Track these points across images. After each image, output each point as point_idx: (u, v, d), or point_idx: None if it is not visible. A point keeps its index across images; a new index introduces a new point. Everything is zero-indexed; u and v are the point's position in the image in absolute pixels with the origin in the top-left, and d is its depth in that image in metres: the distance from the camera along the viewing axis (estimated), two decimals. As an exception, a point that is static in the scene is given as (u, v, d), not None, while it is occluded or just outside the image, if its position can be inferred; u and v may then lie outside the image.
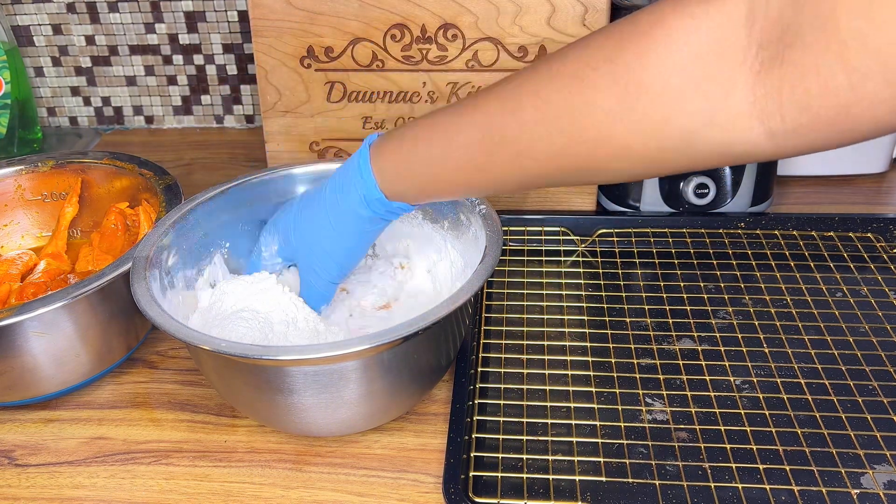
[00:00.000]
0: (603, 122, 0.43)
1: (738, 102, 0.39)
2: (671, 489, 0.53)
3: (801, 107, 0.37)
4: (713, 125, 0.40)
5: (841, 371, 0.62)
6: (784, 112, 0.38)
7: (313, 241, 0.59)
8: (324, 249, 0.59)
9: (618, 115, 0.42)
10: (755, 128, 0.39)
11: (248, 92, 1.07)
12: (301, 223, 0.60)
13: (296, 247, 0.61)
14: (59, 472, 0.58)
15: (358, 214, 0.56)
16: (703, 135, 0.41)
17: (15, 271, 0.73)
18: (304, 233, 0.60)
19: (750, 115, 0.39)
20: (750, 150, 0.41)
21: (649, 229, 0.78)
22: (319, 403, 0.53)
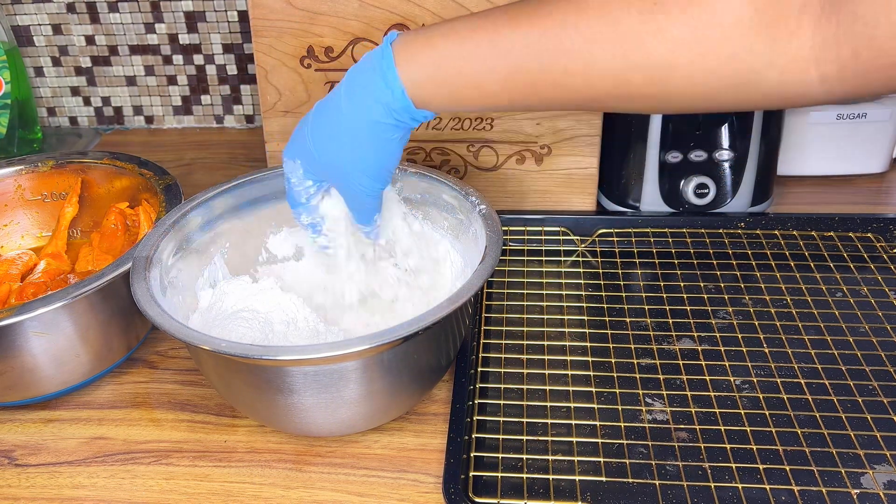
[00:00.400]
0: (670, 51, 0.43)
1: (798, 46, 0.41)
2: (671, 489, 0.53)
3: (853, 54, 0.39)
4: (773, 66, 0.41)
5: (841, 371, 0.62)
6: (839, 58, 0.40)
7: (337, 158, 0.54)
8: (351, 164, 0.54)
9: (687, 43, 0.42)
10: (811, 72, 0.41)
11: (248, 92, 1.07)
12: (319, 139, 0.54)
13: (322, 165, 0.55)
14: (59, 472, 0.58)
15: (378, 124, 0.51)
16: (764, 74, 0.42)
17: (15, 271, 0.73)
18: (324, 149, 0.54)
19: (808, 59, 0.41)
20: (802, 92, 0.42)
21: (649, 229, 0.78)
22: (319, 403, 0.53)
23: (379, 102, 0.50)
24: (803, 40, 0.40)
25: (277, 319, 0.60)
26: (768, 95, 0.43)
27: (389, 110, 0.50)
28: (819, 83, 0.41)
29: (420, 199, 0.68)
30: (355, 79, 0.52)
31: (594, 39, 0.44)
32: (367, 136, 0.52)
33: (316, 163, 0.56)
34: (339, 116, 0.52)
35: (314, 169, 0.57)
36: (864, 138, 0.87)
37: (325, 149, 0.54)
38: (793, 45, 0.41)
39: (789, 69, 0.41)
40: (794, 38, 0.41)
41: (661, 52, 0.43)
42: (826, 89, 0.41)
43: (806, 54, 0.41)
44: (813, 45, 0.40)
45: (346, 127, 0.52)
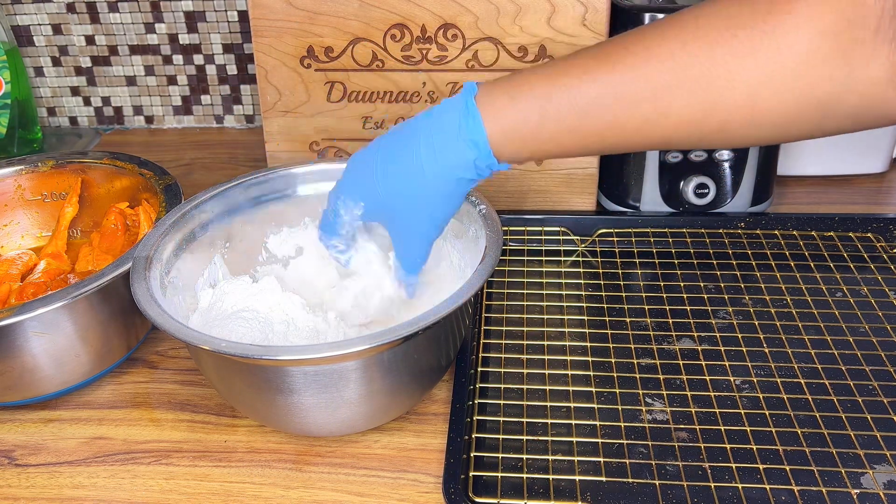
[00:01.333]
0: (745, 94, 0.43)
1: (876, 69, 0.41)
2: (671, 489, 0.53)
3: None
4: (852, 92, 0.42)
5: (841, 371, 0.62)
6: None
7: (409, 207, 0.54)
8: (422, 214, 0.54)
9: (762, 80, 0.42)
10: (889, 93, 0.41)
11: (248, 92, 1.07)
12: (393, 188, 0.54)
13: (386, 207, 0.55)
14: (59, 472, 0.58)
15: (462, 179, 0.52)
16: (843, 100, 0.42)
17: (15, 271, 0.73)
18: (395, 195, 0.54)
19: (886, 81, 0.41)
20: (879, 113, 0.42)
21: (649, 229, 0.78)
22: (319, 403, 0.53)
23: (466, 162, 0.51)
24: (880, 63, 0.41)
25: (277, 319, 0.60)
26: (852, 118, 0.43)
27: (475, 168, 0.51)
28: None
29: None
30: (437, 133, 0.52)
31: (666, 87, 0.45)
32: (446, 191, 0.53)
33: (383, 208, 0.55)
34: (420, 170, 0.52)
35: (377, 213, 0.56)
36: (864, 138, 0.87)
37: (397, 193, 0.54)
38: (871, 68, 0.41)
39: (868, 92, 0.42)
40: (871, 62, 0.41)
41: (736, 97, 0.43)
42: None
43: (885, 76, 0.41)
44: (891, 65, 0.40)
45: (428, 181, 0.52)
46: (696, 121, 0.45)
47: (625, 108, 0.46)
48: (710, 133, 0.46)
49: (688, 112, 0.45)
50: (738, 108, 0.44)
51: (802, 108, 0.43)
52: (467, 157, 0.51)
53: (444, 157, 0.51)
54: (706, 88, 0.44)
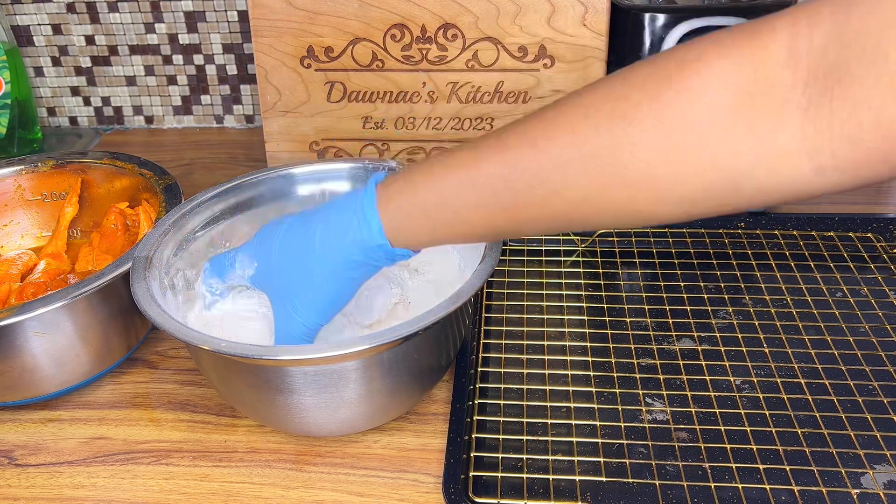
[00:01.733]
0: (647, 163, 0.41)
1: (786, 141, 0.38)
2: (671, 489, 0.53)
3: (852, 141, 0.37)
4: (761, 165, 0.39)
5: (841, 371, 0.62)
6: (835, 148, 0.37)
7: (293, 282, 0.54)
8: (304, 293, 0.53)
9: (662, 155, 0.40)
10: (804, 166, 0.38)
11: (248, 92, 1.07)
12: (284, 258, 0.54)
13: (273, 281, 0.55)
14: (59, 472, 0.58)
15: (351, 260, 0.51)
16: (751, 175, 0.40)
17: (15, 271, 0.73)
18: (284, 269, 0.54)
19: (798, 152, 0.38)
20: (798, 188, 0.40)
21: (649, 229, 0.78)
22: (319, 403, 0.53)
23: (355, 238, 0.50)
24: (791, 134, 0.38)
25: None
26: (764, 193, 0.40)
27: (363, 248, 0.50)
28: (815, 175, 0.38)
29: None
30: (336, 210, 0.52)
31: (568, 161, 0.43)
32: (332, 269, 0.52)
33: (270, 276, 0.56)
34: (310, 244, 0.52)
35: (262, 281, 0.57)
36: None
37: (286, 270, 0.54)
38: (779, 140, 0.38)
39: (779, 166, 0.39)
40: (779, 133, 0.38)
41: (638, 167, 0.41)
42: (824, 181, 0.39)
43: (796, 147, 0.38)
44: (803, 136, 0.38)
45: (314, 257, 0.52)
46: (599, 196, 0.43)
47: (524, 186, 0.44)
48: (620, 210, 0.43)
49: (589, 186, 0.43)
50: (640, 181, 0.41)
51: (708, 184, 0.41)
52: (357, 234, 0.50)
53: (335, 235, 0.51)
54: (607, 161, 0.42)
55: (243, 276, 0.58)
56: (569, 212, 0.44)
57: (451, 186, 0.47)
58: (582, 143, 0.42)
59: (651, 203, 0.42)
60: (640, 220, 0.45)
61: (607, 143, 0.41)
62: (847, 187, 0.39)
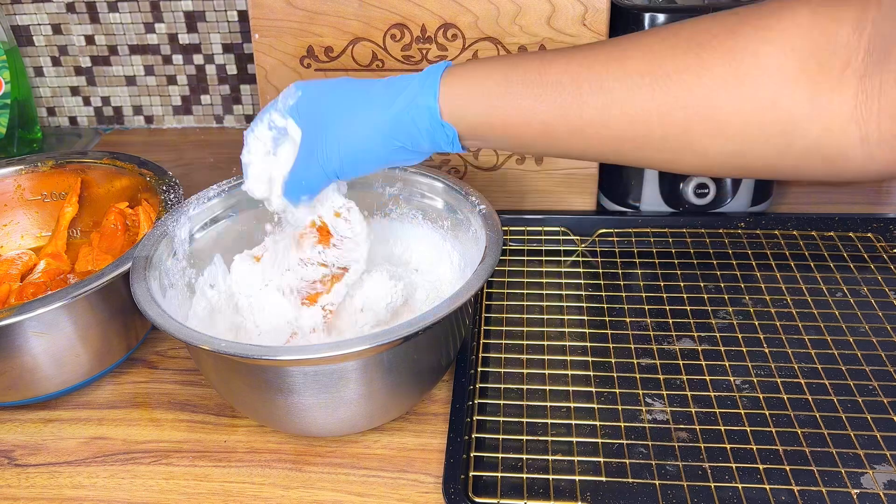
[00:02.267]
0: (711, 89, 0.42)
1: (841, 102, 0.40)
2: (671, 489, 0.53)
3: (892, 116, 0.38)
4: (813, 119, 0.40)
5: (841, 371, 0.62)
6: (880, 119, 0.38)
7: (335, 116, 0.51)
8: (339, 130, 0.51)
9: (728, 84, 0.42)
10: (851, 131, 0.40)
11: (248, 92, 1.07)
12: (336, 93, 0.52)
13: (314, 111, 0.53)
14: (59, 472, 0.58)
15: (398, 117, 0.49)
16: (802, 127, 0.41)
17: (15, 271, 0.73)
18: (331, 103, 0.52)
19: (850, 117, 0.39)
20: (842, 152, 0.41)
21: (649, 229, 0.78)
22: (319, 404, 0.53)
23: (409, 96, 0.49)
24: (846, 97, 0.39)
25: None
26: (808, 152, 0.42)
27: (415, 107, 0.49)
28: (860, 144, 0.40)
29: (421, 199, 0.68)
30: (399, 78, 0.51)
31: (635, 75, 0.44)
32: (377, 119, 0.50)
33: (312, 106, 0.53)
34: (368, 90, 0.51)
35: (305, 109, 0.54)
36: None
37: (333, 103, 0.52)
38: (835, 100, 0.40)
39: (830, 125, 0.40)
40: (836, 94, 0.40)
41: (703, 91, 0.42)
42: (866, 152, 0.40)
43: (848, 111, 0.40)
44: (856, 102, 0.39)
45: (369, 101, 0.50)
46: (658, 116, 0.44)
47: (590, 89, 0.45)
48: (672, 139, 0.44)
49: (651, 102, 0.44)
50: (700, 106, 0.43)
51: (762, 124, 0.42)
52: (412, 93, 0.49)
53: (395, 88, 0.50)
54: (675, 81, 0.43)
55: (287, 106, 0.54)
56: (623, 129, 0.45)
57: (519, 73, 0.47)
58: (654, 60, 0.43)
59: (706, 134, 0.43)
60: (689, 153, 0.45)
61: (679, 65, 0.43)
62: (889, 165, 0.40)
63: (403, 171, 0.67)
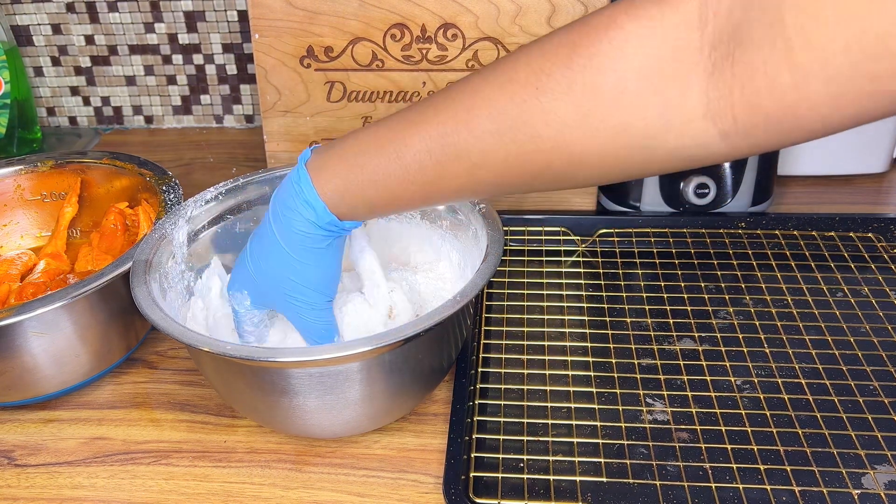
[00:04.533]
0: (560, 130, 0.42)
1: (693, 105, 0.39)
2: (672, 490, 0.53)
3: (751, 106, 0.37)
4: (669, 129, 0.40)
5: (842, 371, 0.62)
6: (736, 112, 0.38)
7: (277, 277, 0.54)
8: (292, 280, 0.54)
9: (574, 121, 0.41)
10: (709, 129, 0.39)
11: (248, 92, 1.07)
12: (258, 263, 0.55)
13: (265, 288, 0.56)
14: (59, 472, 0.58)
15: (311, 238, 0.52)
16: (660, 139, 0.40)
17: (14, 271, 0.73)
18: (264, 272, 0.55)
19: (704, 116, 0.39)
20: (704, 152, 0.40)
21: (650, 229, 0.78)
22: (322, 405, 0.53)
23: (305, 221, 0.51)
24: (696, 98, 0.38)
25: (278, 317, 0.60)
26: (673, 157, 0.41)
27: (317, 226, 0.51)
28: (720, 139, 0.39)
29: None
30: (278, 202, 0.53)
31: (486, 134, 0.44)
32: (300, 250, 0.52)
33: (259, 287, 0.56)
34: (272, 237, 0.53)
35: (259, 296, 0.57)
36: (865, 138, 0.87)
37: (265, 271, 0.55)
38: (686, 105, 0.39)
39: (687, 130, 0.39)
40: (685, 99, 0.38)
41: (551, 134, 0.42)
42: (730, 144, 0.39)
43: (702, 112, 0.38)
44: (708, 100, 0.38)
45: (280, 246, 0.53)
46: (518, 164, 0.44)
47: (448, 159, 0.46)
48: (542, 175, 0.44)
49: (507, 157, 0.44)
50: (554, 148, 0.42)
51: (619, 148, 0.41)
52: (306, 216, 0.51)
53: (286, 221, 0.52)
54: (523, 131, 0.43)
55: (248, 309, 0.58)
56: (494, 180, 0.46)
57: (381, 164, 0.48)
58: (499, 114, 0.43)
59: (569, 166, 0.43)
60: (564, 182, 0.46)
61: (522, 113, 0.42)
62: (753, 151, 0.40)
63: None
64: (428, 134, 0.46)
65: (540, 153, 0.43)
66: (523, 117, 0.43)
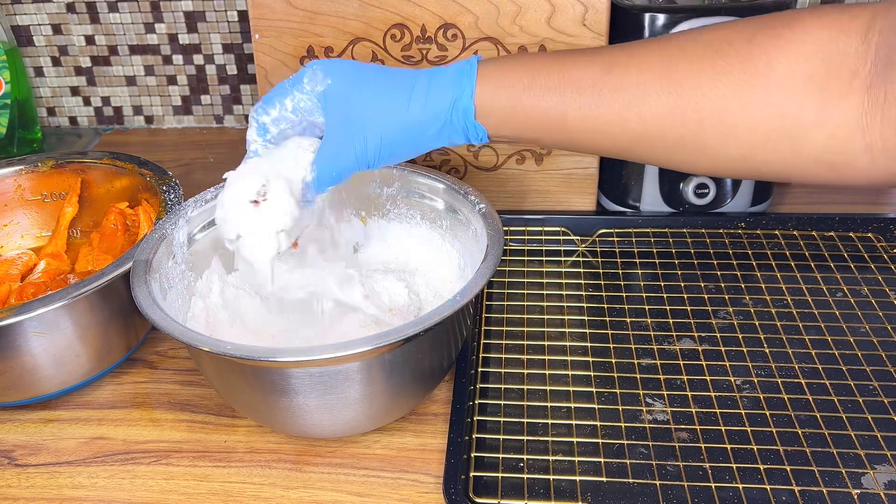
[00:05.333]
0: (723, 94, 0.44)
1: (847, 110, 0.41)
2: (672, 489, 0.53)
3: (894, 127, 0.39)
4: (820, 127, 0.42)
5: (841, 371, 0.62)
6: (883, 129, 0.40)
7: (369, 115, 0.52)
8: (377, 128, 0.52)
9: (739, 90, 0.43)
10: (856, 139, 0.41)
11: (248, 92, 1.07)
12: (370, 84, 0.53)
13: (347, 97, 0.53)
14: (59, 472, 0.58)
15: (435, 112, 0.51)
16: (809, 134, 0.42)
17: (15, 271, 0.73)
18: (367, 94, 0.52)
19: (855, 125, 0.41)
20: (846, 161, 0.42)
21: (649, 229, 0.78)
22: (321, 405, 0.53)
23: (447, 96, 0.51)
24: (852, 106, 0.41)
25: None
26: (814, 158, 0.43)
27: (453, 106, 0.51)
28: (864, 152, 0.41)
29: (419, 199, 0.68)
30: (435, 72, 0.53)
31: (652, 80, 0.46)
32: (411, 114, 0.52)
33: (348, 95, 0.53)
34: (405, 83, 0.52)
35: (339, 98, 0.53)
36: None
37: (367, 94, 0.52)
38: (841, 108, 0.41)
39: (836, 133, 0.42)
40: (842, 103, 0.41)
41: (716, 95, 0.44)
42: (870, 161, 0.41)
43: (853, 120, 0.41)
44: (861, 111, 0.40)
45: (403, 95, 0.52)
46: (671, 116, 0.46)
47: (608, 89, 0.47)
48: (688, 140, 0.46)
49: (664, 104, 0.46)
50: (712, 111, 0.44)
51: (771, 131, 0.43)
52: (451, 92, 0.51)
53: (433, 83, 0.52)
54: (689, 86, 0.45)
55: (312, 91, 0.54)
56: (639, 130, 0.47)
57: (543, 74, 0.49)
58: (671, 65, 0.45)
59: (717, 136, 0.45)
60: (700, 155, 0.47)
61: (695, 71, 0.45)
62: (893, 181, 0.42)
63: (402, 171, 0.67)
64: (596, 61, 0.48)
65: (696, 112, 0.45)
66: (694, 74, 0.45)
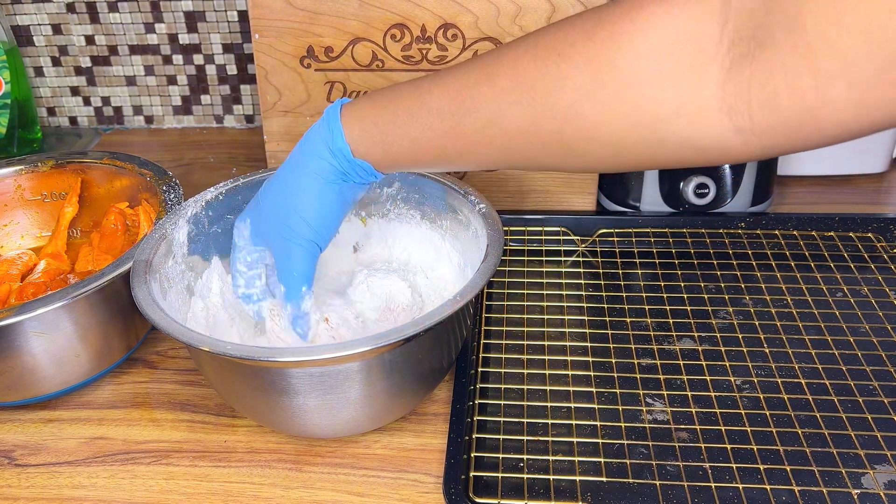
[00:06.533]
0: (574, 98, 0.43)
1: (707, 96, 0.39)
2: (672, 489, 0.53)
3: (768, 107, 0.38)
4: (680, 116, 0.40)
5: (841, 371, 0.62)
6: (752, 111, 0.38)
7: (280, 205, 0.55)
8: (292, 213, 0.54)
9: (589, 92, 0.42)
10: (724, 123, 0.40)
11: (248, 92, 1.07)
12: (268, 192, 0.56)
13: (266, 218, 0.56)
14: (59, 472, 0.58)
15: (322, 165, 0.53)
16: (671, 124, 0.41)
17: (15, 271, 0.73)
18: (270, 200, 0.56)
19: (719, 109, 0.39)
20: (717, 145, 0.41)
21: (649, 229, 0.78)
22: (322, 405, 0.53)
23: (322, 144, 0.52)
24: (711, 90, 0.39)
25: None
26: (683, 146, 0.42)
27: (330, 151, 0.52)
28: (735, 134, 0.40)
29: (419, 200, 0.68)
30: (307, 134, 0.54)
31: (504, 92, 0.45)
32: (309, 176, 0.53)
33: (261, 215, 0.57)
34: (288, 165, 0.55)
35: (259, 225, 0.57)
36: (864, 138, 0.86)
37: (270, 199, 0.56)
38: (701, 94, 0.39)
39: (699, 120, 0.40)
40: (701, 87, 0.39)
41: (566, 101, 0.43)
42: (744, 141, 0.40)
43: (716, 104, 0.39)
44: (724, 95, 0.39)
45: (292, 171, 0.54)
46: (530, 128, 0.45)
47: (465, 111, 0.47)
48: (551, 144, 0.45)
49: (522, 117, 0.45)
50: (568, 116, 0.43)
51: (630, 126, 0.42)
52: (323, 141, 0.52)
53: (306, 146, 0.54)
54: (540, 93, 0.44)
55: (246, 241, 0.58)
56: (505, 143, 0.47)
57: (404, 106, 0.50)
58: (519, 73, 0.45)
59: (579, 139, 0.44)
60: (572, 157, 0.46)
61: (542, 76, 0.44)
62: (768, 153, 0.40)
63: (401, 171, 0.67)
64: (453, 86, 0.48)
65: (553, 119, 0.44)
66: (542, 79, 0.44)
